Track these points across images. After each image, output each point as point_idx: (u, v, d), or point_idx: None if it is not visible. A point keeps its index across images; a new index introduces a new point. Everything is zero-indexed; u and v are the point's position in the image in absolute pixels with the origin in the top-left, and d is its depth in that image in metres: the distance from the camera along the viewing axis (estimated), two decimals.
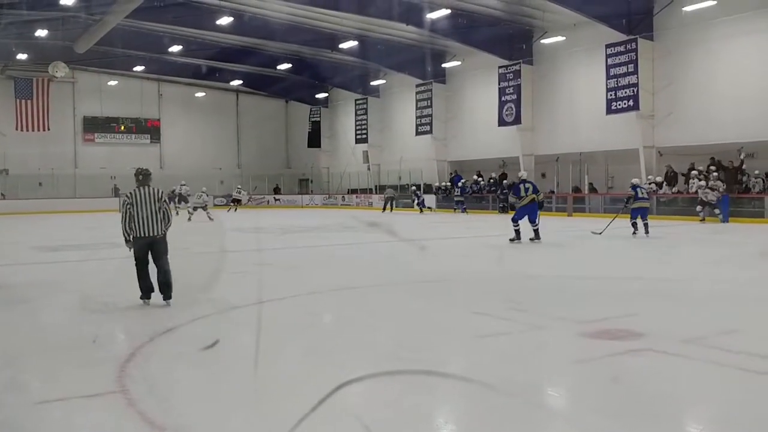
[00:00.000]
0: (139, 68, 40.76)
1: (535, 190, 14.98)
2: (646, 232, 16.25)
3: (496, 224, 23.13)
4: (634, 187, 16.66)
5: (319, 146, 45.25)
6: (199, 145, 45.64)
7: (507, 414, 4.07)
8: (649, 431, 3.75)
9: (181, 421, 4.02)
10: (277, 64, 38.95)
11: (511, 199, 15.40)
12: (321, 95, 44.65)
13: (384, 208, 32.64)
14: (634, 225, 16.43)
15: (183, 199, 29.96)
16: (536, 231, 14.95)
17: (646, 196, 16.88)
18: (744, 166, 23.00)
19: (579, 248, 15.26)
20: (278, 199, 44.07)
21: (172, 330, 6.35)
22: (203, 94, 45.67)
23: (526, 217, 14.79)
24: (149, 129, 44.57)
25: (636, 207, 16.43)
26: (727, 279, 9.78)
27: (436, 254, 13.88)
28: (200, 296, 8.26)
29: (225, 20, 29.31)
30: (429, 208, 32.26)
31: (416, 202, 32.25)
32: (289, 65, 38.92)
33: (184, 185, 31.48)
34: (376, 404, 4.33)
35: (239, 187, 36.20)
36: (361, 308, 7.70)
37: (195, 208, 27.07)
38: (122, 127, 43.64)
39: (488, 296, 8.28)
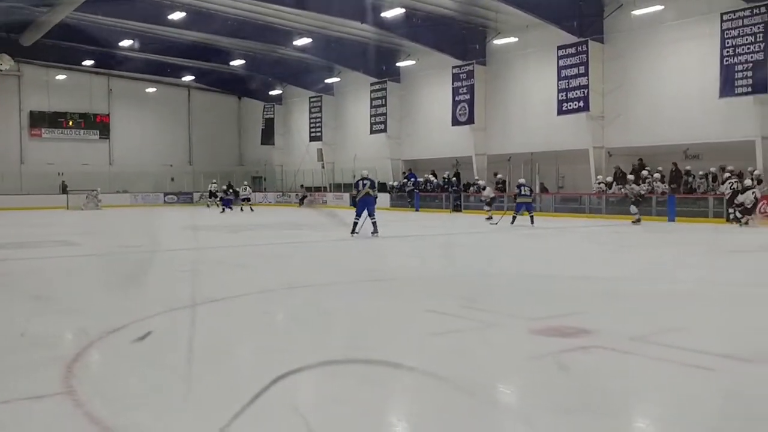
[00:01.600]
0: (88, 62, 39.96)
1: (372, 186, 16.67)
2: (531, 222, 20.26)
3: (448, 223, 23.31)
4: (519, 186, 20.88)
5: (273, 143, 44.96)
6: (150, 141, 44.93)
7: (458, 411, 4.09)
8: (599, 427, 3.82)
9: (130, 422, 3.95)
10: (230, 60, 38.54)
11: (353, 192, 17.27)
12: (275, 92, 44.32)
13: (301, 204, 35.14)
14: (514, 218, 20.77)
15: (214, 194, 34.60)
16: (374, 224, 16.20)
17: (528, 193, 20.89)
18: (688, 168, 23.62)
19: (530, 246, 15.46)
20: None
21: (120, 329, 6.23)
22: (154, 89, 44.96)
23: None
24: (98, 125, 43.67)
25: (519, 202, 20.73)
26: (674, 278, 10.02)
27: (389, 252, 13.91)
28: (149, 295, 8.14)
29: (177, 15, 28.89)
30: (231, 208, 32.22)
31: (222, 201, 33.01)
32: (242, 61, 38.54)
33: (214, 183, 35.89)
34: (317, 397, 4.33)
35: (246, 183, 36.36)
36: (313, 307, 7.66)
37: (244, 200, 31.87)
38: (70, 123, 42.64)
39: (441, 294, 8.32)
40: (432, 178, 32.66)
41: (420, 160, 34.86)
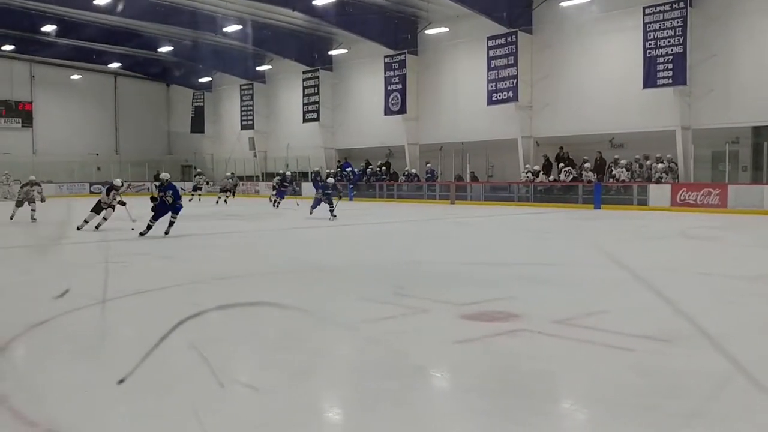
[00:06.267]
0: (8, 47, 38.38)
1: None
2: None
3: (380, 211, 23.44)
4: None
5: (203, 132, 44.25)
6: (76, 129, 43.54)
7: (388, 396, 4.17)
8: (527, 408, 3.95)
9: (55, 417, 3.89)
10: (158, 47, 37.68)
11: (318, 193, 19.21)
12: (204, 79, 43.57)
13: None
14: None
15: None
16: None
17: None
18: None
19: (461, 235, 15.72)
20: None
21: (46, 322, 6.10)
22: (79, 76, 43.57)
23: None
24: (21, 112, 42.06)
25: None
26: (596, 263, 10.33)
27: (320, 241, 13.92)
28: (77, 287, 7.97)
29: (103, 0, 28.08)
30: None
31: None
32: (171, 48, 37.74)
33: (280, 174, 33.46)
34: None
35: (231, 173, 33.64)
36: (244, 297, 7.63)
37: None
38: None
39: (375, 283, 8.42)
40: (367, 167, 32.66)
41: (354, 149, 34.89)
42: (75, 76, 43.47)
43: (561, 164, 25.07)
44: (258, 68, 38.92)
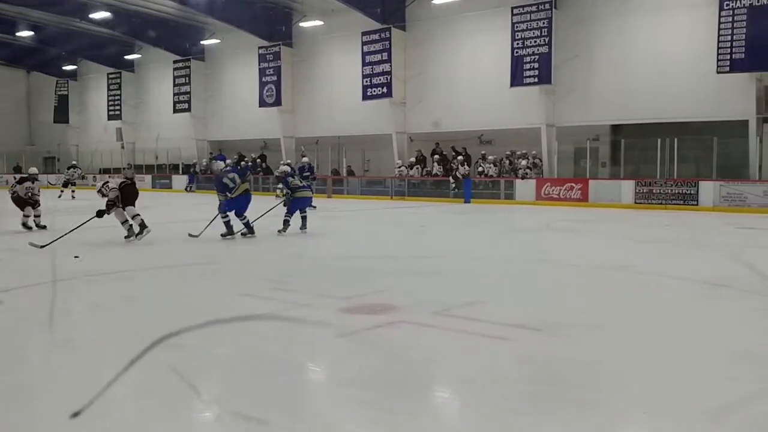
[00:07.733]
0: None
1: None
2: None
3: (258, 206, 23.13)
4: None
5: (67, 122, 42.16)
6: None
7: (272, 392, 4.20)
8: (408, 398, 4.09)
9: None
10: (17, 31, 35.48)
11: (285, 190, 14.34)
12: (69, 67, 41.47)
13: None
14: None
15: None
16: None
17: None
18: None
19: (339, 229, 15.83)
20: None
21: None
22: None
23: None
24: None
25: None
26: (471, 255, 10.73)
27: (200, 237, 13.62)
28: None
29: None
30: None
31: None
32: (31, 33, 35.64)
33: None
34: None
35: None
36: (117, 294, 7.40)
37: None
38: None
39: (255, 278, 8.37)
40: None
41: (227, 141, 34.25)
42: None
43: (436, 156, 25.66)
44: (126, 57, 37.53)
